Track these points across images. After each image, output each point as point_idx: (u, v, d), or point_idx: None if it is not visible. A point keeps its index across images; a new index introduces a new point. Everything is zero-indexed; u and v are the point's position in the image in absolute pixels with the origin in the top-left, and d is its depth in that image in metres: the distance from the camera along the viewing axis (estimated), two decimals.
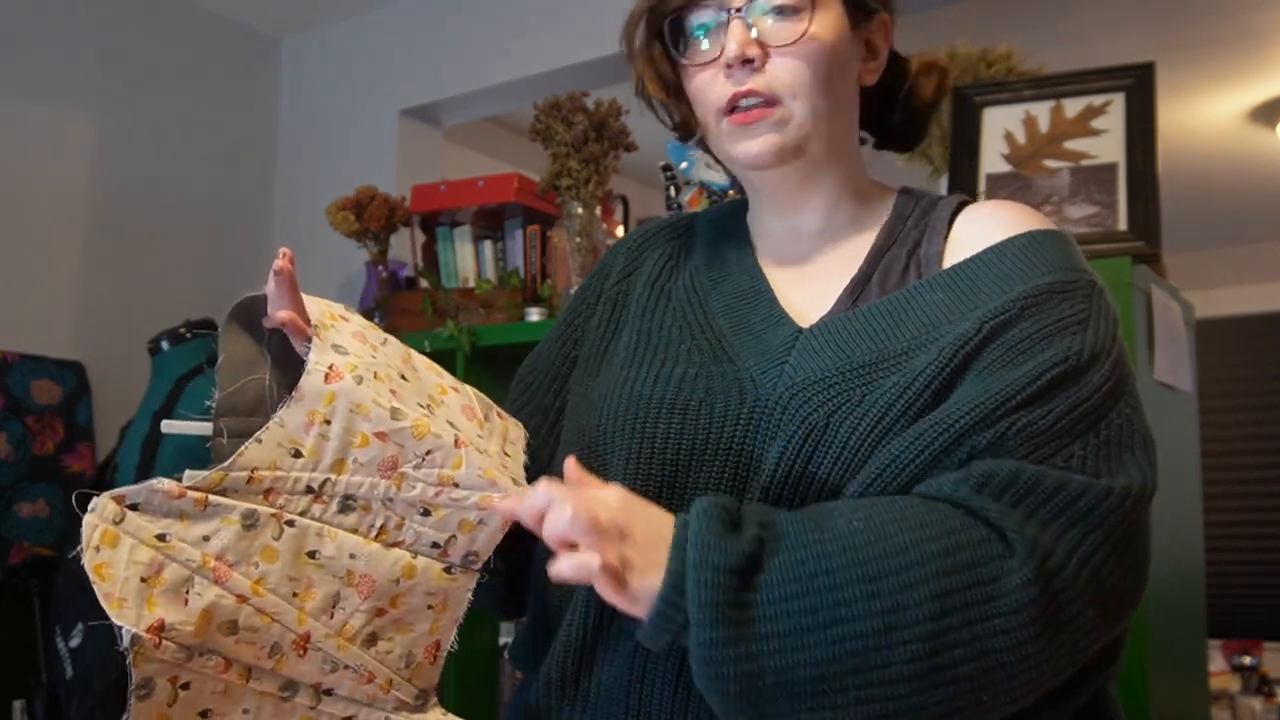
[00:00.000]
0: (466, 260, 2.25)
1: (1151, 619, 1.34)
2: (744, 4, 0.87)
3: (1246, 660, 4.09)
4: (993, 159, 1.58)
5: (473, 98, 2.80)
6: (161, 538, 0.70)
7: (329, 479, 0.76)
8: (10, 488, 2.34)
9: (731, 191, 1.84)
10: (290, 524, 0.74)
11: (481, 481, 0.79)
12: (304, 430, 0.76)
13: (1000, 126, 1.58)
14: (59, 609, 2.01)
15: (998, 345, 0.78)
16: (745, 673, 0.66)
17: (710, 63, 0.89)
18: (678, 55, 0.92)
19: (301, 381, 0.77)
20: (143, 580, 0.69)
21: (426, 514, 0.78)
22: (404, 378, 0.83)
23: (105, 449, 2.46)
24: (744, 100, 0.88)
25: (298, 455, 0.75)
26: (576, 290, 1.06)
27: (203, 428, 0.83)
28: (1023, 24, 2.84)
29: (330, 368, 0.78)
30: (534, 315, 2.09)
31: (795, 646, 0.67)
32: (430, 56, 2.81)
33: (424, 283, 2.25)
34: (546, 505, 0.70)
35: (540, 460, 0.95)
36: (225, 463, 0.74)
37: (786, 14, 0.87)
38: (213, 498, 0.73)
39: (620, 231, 2.16)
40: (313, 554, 0.74)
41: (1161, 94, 1.55)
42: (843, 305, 0.89)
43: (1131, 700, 1.20)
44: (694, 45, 0.91)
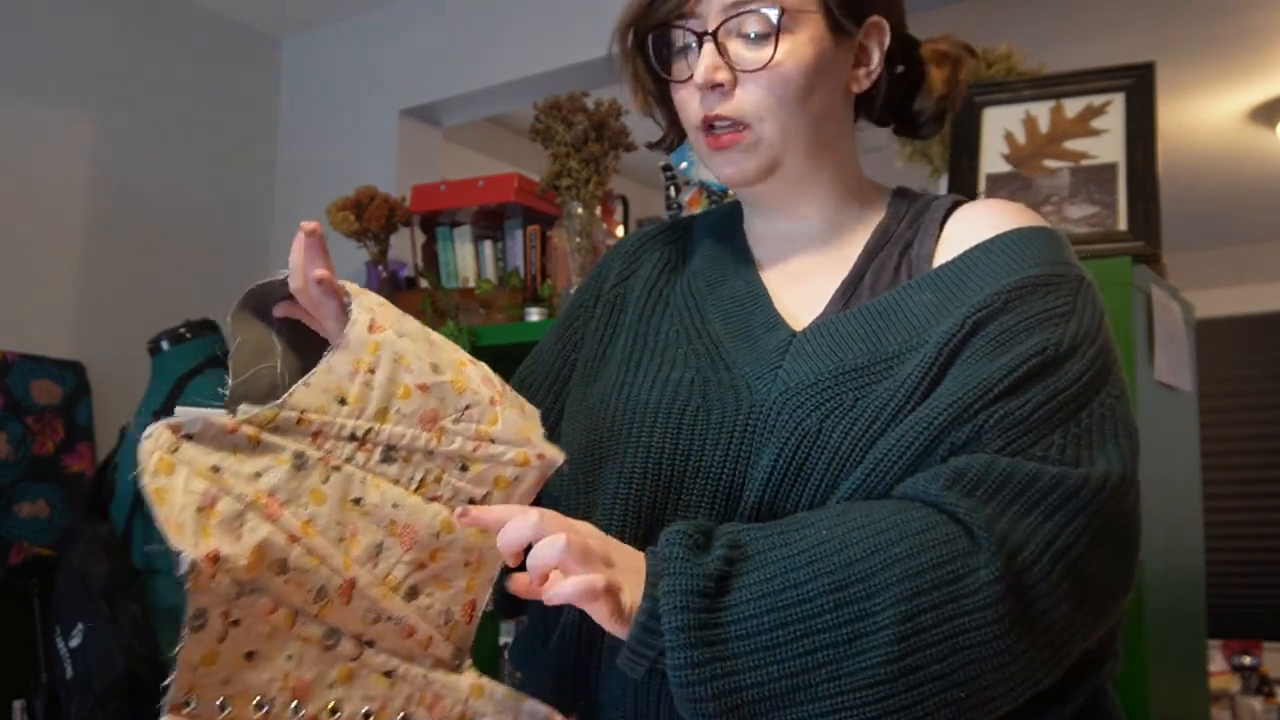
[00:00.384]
0: (466, 260, 2.25)
1: (1151, 619, 1.34)
2: (716, 27, 0.86)
3: (1246, 660, 4.09)
4: (993, 159, 1.58)
5: (473, 98, 2.80)
6: (216, 469, 0.70)
7: (373, 427, 0.76)
8: (10, 488, 2.34)
9: (730, 192, 1.84)
10: (336, 469, 0.74)
11: (517, 438, 0.80)
12: (349, 377, 0.76)
13: (1000, 126, 1.58)
14: (59, 609, 2.01)
15: (979, 338, 0.78)
16: (722, 691, 0.67)
17: (687, 80, 0.89)
18: (659, 69, 0.92)
19: (346, 330, 0.78)
20: (198, 510, 0.68)
21: (464, 469, 0.78)
22: (431, 342, 0.84)
23: (105, 449, 2.46)
24: (716, 124, 0.88)
25: (343, 402, 0.75)
26: (574, 293, 1.06)
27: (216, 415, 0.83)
28: (1022, 24, 2.84)
29: (373, 319, 0.79)
30: (534, 315, 2.09)
31: (768, 660, 0.67)
32: (430, 56, 2.81)
33: (424, 283, 2.25)
34: (536, 535, 0.69)
35: None
36: (277, 400, 0.74)
37: (755, 40, 0.86)
38: (265, 435, 0.72)
39: (620, 231, 2.16)
40: (357, 500, 0.74)
41: (1161, 94, 1.55)
42: (834, 307, 0.89)
43: (1131, 700, 1.20)
44: (673, 62, 0.91)
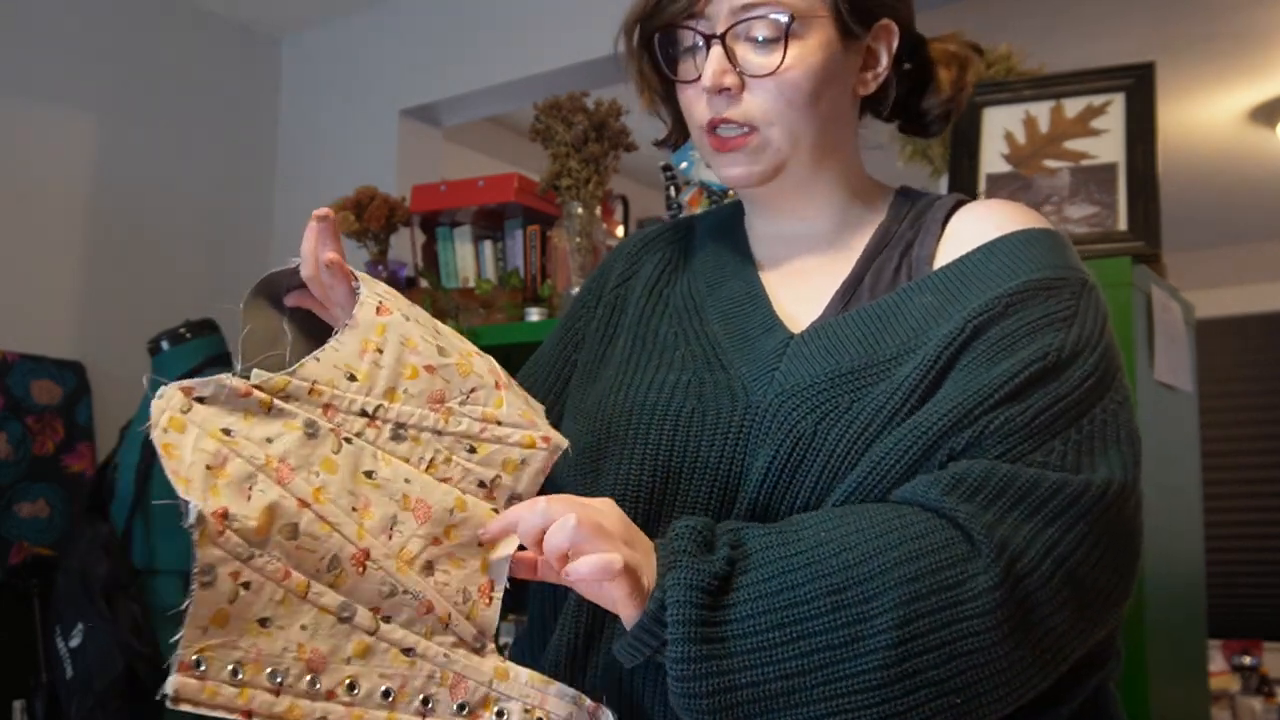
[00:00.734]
0: (466, 260, 2.25)
1: (1151, 619, 1.34)
2: (725, 30, 0.86)
3: (1246, 660, 4.09)
4: (993, 159, 1.58)
5: (473, 98, 2.80)
6: (227, 432, 0.70)
7: (382, 404, 0.76)
8: (10, 488, 2.34)
9: (731, 192, 1.84)
10: (348, 440, 0.74)
11: (522, 420, 0.80)
12: (358, 356, 0.76)
13: (1000, 126, 1.58)
14: (59, 609, 2.01)
15: (980, 343, 0.78)
16: (718, 689, 0.67)
17: (694, 81, 0.88)
18: (666, 69, 0.92)
19: (355, 310, 0.78)
20: (208, 468, 0.68)
21: (472, 451, 0.78)
22: (438, 331, 0.84)
23: (105, 449, 2.46)
24: (721, 127, 0.88)
25: (352, 379, 0.76)
26: (576, 294, 1.06)
27: None
28: (1022, 23, 2.84)
29: (380, 303, 0.79)
30: (534, 315, 2.09)
31: (764, 661, 0.67)
32: (430, 56, 2.81)
33: (424, 283, 2.25)
34: (546, 521, 0.69)
35: None
36: (289, 369, 0.74)
37: (764, 44, 0.85)
38: (277, 401, 0.72)
39: (620, 231, 2.16)
40: (370, 474, 0.74)
41: (1161, 94, 1.55)
42: (834, 309, 0.88)
43: (1131, 700, 1.20)
44: (679, 63, 0.91)
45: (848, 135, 0.94)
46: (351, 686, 0.70)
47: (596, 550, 0.68)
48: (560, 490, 0.88)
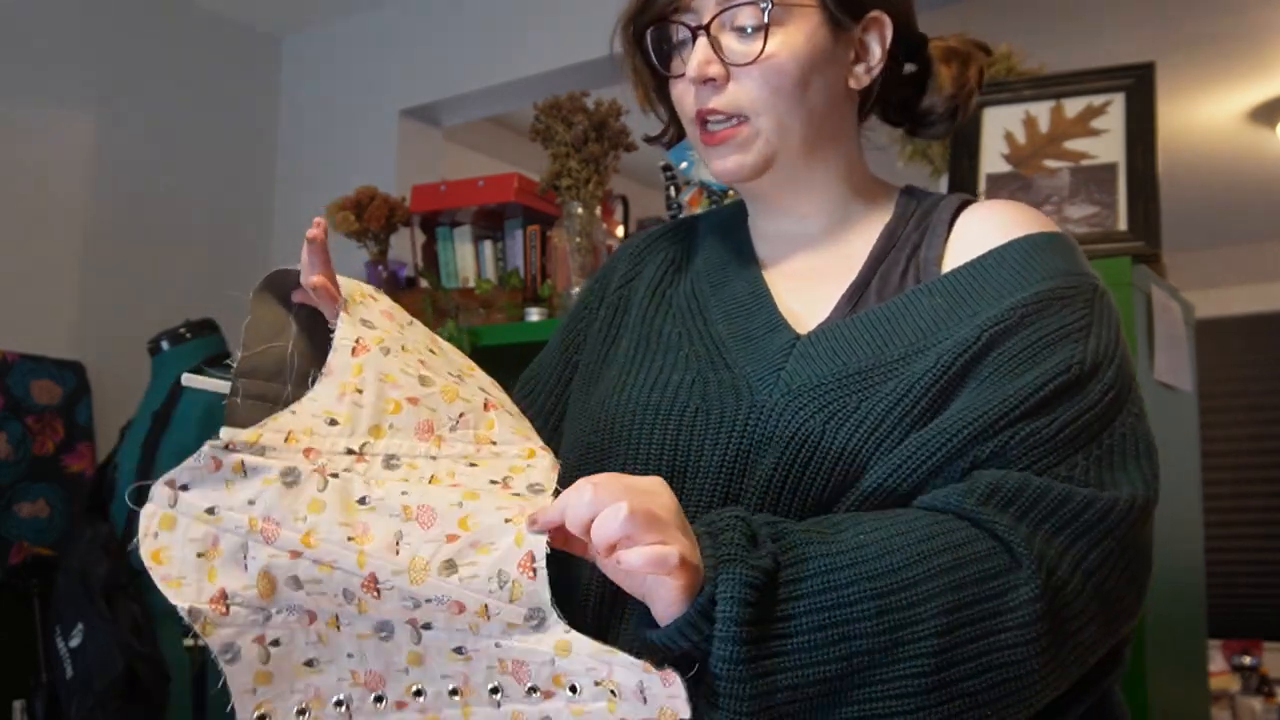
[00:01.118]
0: (466, 260, 2.25)
1: (1151, 619, 1.34)
2: (709, 20, 0.86)
3: (1246, 660, 4.10)
4: (993, 159, 1.58)
5: (473, 98, 2.80)
6: (211, 511, 0.71)
7: (368, 441, 0.76)
8: (10, 488, 2.34)
9: (731, 192, 1.84)
10: (335, 475, 0.74)
11: (515, 438, 0.79)
12: (337, 401, 0.76)
13: (1000, 126, 1.58)
14: (59, 609, 2.01)
15: (999, 354, 0.77)
16: (760, 691, 0.65)
17: (684, 75, 0.89)
18: (658, 65, 0.92)
19: (330, 357, 0.78)
20: (200, 555, 0.70)
21: (473, 466, 0.77)
22: (432, 352, 0.83)
23: (105, 449, 2.46)
24: (710, 119, 0.88)
25: (334, 424, 0.75)
26: (579, 295, 1.06)
27: (221, 385, 0.84)
28: (1022, 24, 2.84)
29: (357, 341, 0.79)
30: (534, 315, 2.09)
31: (805, 663, 0.66)
32: (430, 56, 2.81)
33: (424, 283, 2.25)
34: (593, 512, 0.64)
35: None
36: (259, 423, 0.74)
37: (747, 33, 0.86)
38: (249, 459, 0.73)
39: (620, 231, 2.16)
40: (363, 500, 0.73)
41: (1161, 94, 1.55)
42: (841, 311, 0.88)
43: (1132, 700, 1.20)
44: (671, 58, 0.91)
45: (843, 129, 0.93)
46: (418, 693, 0.71)
47: (650, 541, 0.64)
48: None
